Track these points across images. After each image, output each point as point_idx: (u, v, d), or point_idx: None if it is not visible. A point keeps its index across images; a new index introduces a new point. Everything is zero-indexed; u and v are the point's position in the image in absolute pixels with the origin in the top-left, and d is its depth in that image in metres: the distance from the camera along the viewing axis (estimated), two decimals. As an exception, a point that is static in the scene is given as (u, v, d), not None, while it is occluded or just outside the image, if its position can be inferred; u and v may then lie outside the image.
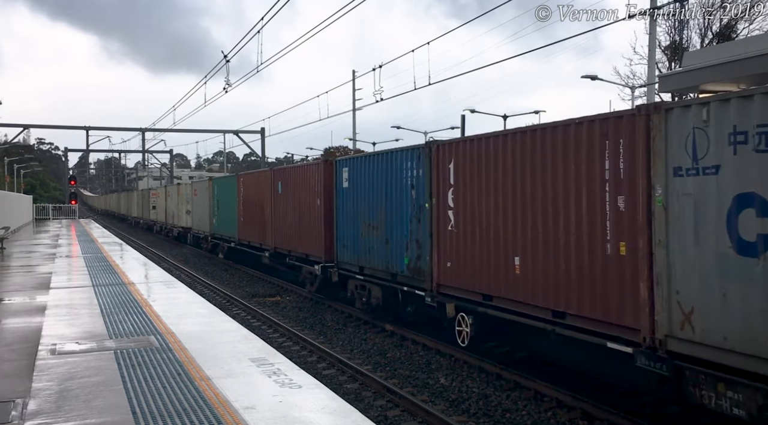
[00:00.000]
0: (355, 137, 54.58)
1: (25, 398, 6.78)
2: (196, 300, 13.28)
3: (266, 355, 8.40)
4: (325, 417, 6.08)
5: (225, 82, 31.90)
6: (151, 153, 73.08)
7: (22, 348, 9.18)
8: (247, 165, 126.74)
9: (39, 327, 10.47)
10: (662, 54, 39.77)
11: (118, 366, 7.91)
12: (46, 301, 13.01)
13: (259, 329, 15.90)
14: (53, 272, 18.20)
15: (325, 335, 15.45)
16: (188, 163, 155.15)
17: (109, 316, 11.21)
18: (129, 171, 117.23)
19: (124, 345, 9.06)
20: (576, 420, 9.42)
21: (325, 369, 12.44)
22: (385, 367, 12.48)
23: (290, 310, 18.66)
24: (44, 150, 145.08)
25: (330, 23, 19.62)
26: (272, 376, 7.38)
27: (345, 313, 17.49)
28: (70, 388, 7.04)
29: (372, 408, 10.14)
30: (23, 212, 51.23)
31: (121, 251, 26.42)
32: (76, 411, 6.31)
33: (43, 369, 7.82)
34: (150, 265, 21.30)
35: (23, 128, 54.95)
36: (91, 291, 14.22)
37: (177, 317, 11.11)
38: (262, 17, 22.12)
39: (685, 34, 39.41)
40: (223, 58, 29.62)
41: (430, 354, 13.15)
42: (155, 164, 79.76)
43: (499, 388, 10.91)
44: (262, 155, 55.70)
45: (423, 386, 11.23)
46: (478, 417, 9.70)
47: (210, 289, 22.66)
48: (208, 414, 6.18)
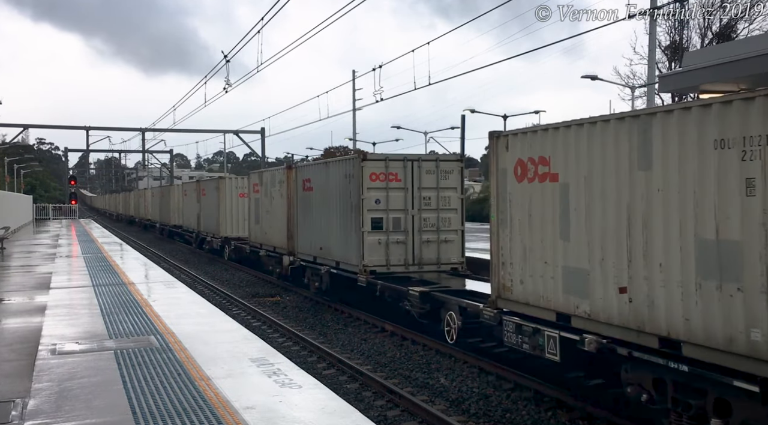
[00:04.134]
0: (355, 137, 54.64)
1: (25, 398, 6.78)
2: (196, 300, 13.28)
3: (266, 355, 8.41)
4: (325, 417, 6.08)
5: (225, 82, 31.96)
6: (151, 153, 73.08)
7: (22, 348, 9.19)
8: (248, 165, 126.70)
9: (39, 326, 10.48)
10: (662, 54, 39.78)
11: (118, 366, 7.91)
12: (46, 301, 13.01)
13: (259, 329, 15.91)
14: (53, 272, 18.21)
15: (325, 335, 15.45)
16: (188, 163, 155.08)
17: (109, 316, 11.21)
18: (129, 171, 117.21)
19: (124, 345, 9.06)
20: (576, 420, 9.43)
21: (325, 369, 12.44)
22: (385, 367, 12.48)
23: (290, 310, 18.66)
24: (44, 150, 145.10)
25: (326, 26, 19.69)
26: (272, 376, 7.38)
27: (345, 313, 17.51)
28: (70, 388, 7.04)
29: (372, 408, 10.13)
30: (23, 212, 51.25)
31: (121, 251, 26.43)
32: (76, 411, 6.31)
33: (43, 369, 7.82)
34: (150, 265, 21.31)
35: (23, 128, 54.92)
36: (91, 291, 14.23)
37: (177, 317, 11.11)
38: (262, 17, 22.17)
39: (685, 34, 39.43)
40: (224, 58, 29.69)
41: (430, 354, 13.15)
42: (155, 164, 79.78)
43: (499, 388, 10.91)
44: (263, 155, 55.70)
45: (423, 386, 11.23)
46: (478, 417, 9.70)
47: (210, 289, 22.66)
48: (208, 414, 6.18)
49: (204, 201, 33.86)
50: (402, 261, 16.27)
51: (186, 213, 39.47)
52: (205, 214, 33.86)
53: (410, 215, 16.30)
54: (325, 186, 18.18)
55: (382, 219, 16.07)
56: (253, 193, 25.26)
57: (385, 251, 16.13)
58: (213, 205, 31.55)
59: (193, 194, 36.88)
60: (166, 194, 46.48)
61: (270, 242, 22.95)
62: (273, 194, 22.50)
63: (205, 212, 33.63)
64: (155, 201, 51.94)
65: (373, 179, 16.06)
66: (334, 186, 17.61)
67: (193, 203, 36.39)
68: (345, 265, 17.03)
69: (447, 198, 16.56)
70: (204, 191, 33.94)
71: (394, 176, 16.19)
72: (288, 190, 21.00)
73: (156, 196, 52.16)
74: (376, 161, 16.26)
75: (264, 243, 23.73)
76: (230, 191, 30.12)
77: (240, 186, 29.84)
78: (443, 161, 16.95)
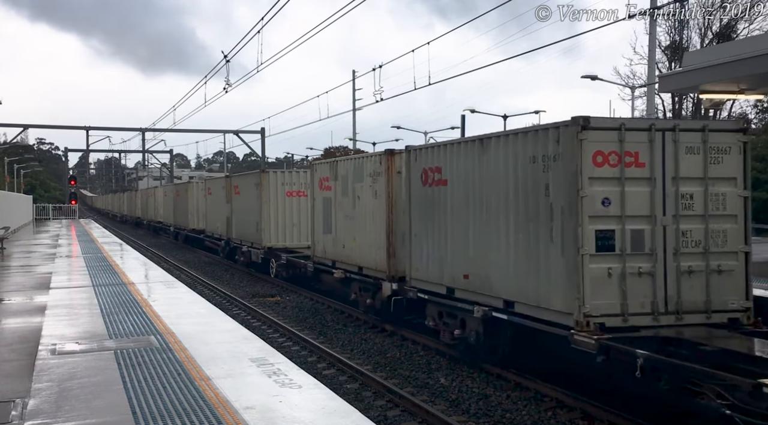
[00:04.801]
0: (355, 136, 54.65)
1: (25, 398, 6.78)
2: (196, 300, 13.27)
3: (266, 355, 8.40)
4: (325, 417, 6.08)
5: (225, 82, 31.97)
6: (151, 153, 73.07)
7: (22, 348, 9.19)
8: (247, 165, 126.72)
9: (39, 326, 10.48)
10: (662, 54, 39.80)
11: (118, 366, 7.91)
12: (46, 301, 13.01)
13: (259, 329, 15.91)
14: (53, 272, 18.20)
15: (325, 335, 15.45)
16: (188, 163, 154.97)
17: (109, 316, 11.21)
18: (129, 171, 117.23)
19: (124, 345, 9.06)
20: (576, 420, 9.43)
21: (325, 369, 12.44)
22: (385, 367, 12.48)
23: (290, 310, 18.66)
24: (44, 150, 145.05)
25: (325, 26, 19.70)
26: (272, 376, 7.38)
27: (345, 313, 17.50)
28: (70, 388, 7.04)
29: (372, 408, 10.14)
30: (23, 212, 51.24)
31: (121, 251, 26.42)
32: (76, 411, 6.31)
33: (43, 369, 7.82)
34: (150, 265, 21.30)
35: (23, 128, 54.87)
36: (91, 291, 14.22)
37: (177, 317, 11.11)
38: (262, 17, 22.18)
39: (685, 34, 39.47)
40: (224, 58, 29.70)
41: (430, 354, 13.15)
42: (155, 164, 79.76)
43: (499, 388, 10.91)
44: (263, 155, 55.68)
45: (423, 386, 11.23)
46: (478, 417, 9.71)
47: (210, 289, 22.66)
48: (208, 413, 6.18)
49: (237, 201, 27.91)
50: (648, 307, 9.48)
51: (210, 216, 33.39)
52: (238, 218, 27.66)
53: (660, 226, 9.61)
54: (477, 177, 11.71)
55: (614, 233, 9.42)
56: (320, 190, 18.95)
57: (619, 289, 9.38)
58: (251, 206, 25.37)
59: (220, 192, 30.65)
60: (183, 193, 39.76)
61: (351, 259, 16.82)
62: (359, 191, 16.52)
63: (239, 215, 27.55)
64: (168, 201, 45.35)
65: (599, 163, 9.42)
66: (500, 176, 11.06)
67: (221, 204, 30.37)
68: (528, 308, 10.39)
69: (720, 197, 9.85)
70: (237, 188, 27.94)
71: (634, 157, 9.53)
72: (389, 186, 15.09)
73: (169, 195, 45.17)
74: (604, 131, 9.47)
75: (340, 260, 17.49)
76: (275, 189, 24.13)
77: (288, 182, 24.21)
78: (715, 132, 9.91)
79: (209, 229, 33.41)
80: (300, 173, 24.62)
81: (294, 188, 23.91)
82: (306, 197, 22.39)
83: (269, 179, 24.07)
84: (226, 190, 29.28)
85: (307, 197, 22.02)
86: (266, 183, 24.01)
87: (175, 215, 42.82)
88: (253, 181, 25.19)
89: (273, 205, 23.96)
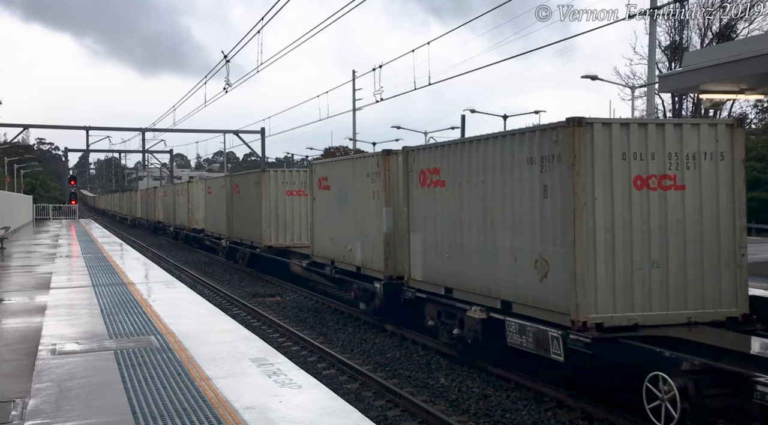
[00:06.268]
0: (355, 136, 54.64)
1: (25, 398, 6.78)
2: (196, 300, 13.27)
3: (266, 355, 8.40)
4: (325, 417, 6.08)
5: (225, 82, 31.98)
6: (151, 153, 73.10)
7: (22, 348, 9.19)
8: (247, 165, 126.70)
9: (39, 327, 10.48)
10: (662, 54, 39.80)
11: (118, 366, 7.91)
12: (46, 301, 13.01)
13: (259, 329, 15.90)
14: (53, 272, 18.20)
15: (325, 335, 15.45)
16: (188, 163, 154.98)
17: (109, 316, 11.21)
18: (129, 171, 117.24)
19: (124, 345, 9.06)
20: (576, 420, 9.42)
21: (325, 369, 12.44)
22: (385, 367, 12.47)
23: (290, 310, 18.66)
24: (44, 150, 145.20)
25: (324, 27, 19.70)
26: (272, 376, 7.38)
27: (345, 313, 17.50)
28: (70, 388, 7.04)
29: (372, 408, 10.13)
30: (23, 212, 51.24)
31: (121, 251, 26.42)
32: (76, 411, 6.31)
33: (43, 369, 7.82)
34: (150, 265, 21.29)
35: (23, 128, 54.88)
36: (91, 291, 14.22)
37: (177, 317, 11.10)
38: (262, 17, 22.19)
39: (685, 34, 39.48)
40: (224, 58, 29.70)
41: (430, 354, 13.15)
42: (155, 164, 79.78)
43: (499, 388, 10.91)
44: (263, 155, 55.68)
45: (423, 386, 11.23)
46: (478, 417, 9.70)
47: (210, 289, 22.66)
48: (208, 414, 6.18)
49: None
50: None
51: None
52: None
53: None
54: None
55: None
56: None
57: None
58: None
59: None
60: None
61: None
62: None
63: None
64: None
65: None
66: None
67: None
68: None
69: None
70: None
71: None
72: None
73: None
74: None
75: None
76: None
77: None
78: None
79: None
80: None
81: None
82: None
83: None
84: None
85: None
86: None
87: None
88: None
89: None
